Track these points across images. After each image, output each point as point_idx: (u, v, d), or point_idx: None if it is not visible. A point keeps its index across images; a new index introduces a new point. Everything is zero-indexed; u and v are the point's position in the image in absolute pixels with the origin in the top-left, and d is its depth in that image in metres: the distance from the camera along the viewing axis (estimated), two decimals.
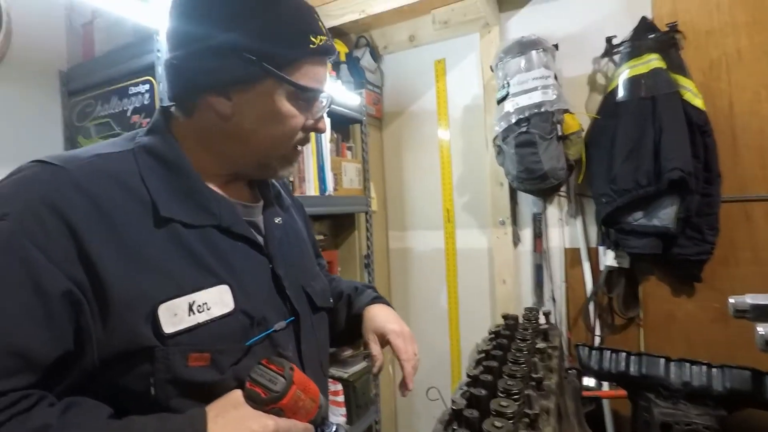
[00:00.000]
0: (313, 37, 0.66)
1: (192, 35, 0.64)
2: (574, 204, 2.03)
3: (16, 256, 0.50)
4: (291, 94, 0.67)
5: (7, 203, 0.52)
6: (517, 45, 1.85)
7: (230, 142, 0.69)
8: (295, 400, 0.61)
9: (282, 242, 0.77)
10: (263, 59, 0.63)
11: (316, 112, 0.72)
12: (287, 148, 0.71)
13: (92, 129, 1.36)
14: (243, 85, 0.64)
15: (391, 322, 0.90)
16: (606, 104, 1.83)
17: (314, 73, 0.68)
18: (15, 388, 0.49)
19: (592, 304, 1.96)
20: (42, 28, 1.43)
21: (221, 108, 0.65)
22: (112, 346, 0.54)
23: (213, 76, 0.64)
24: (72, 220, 0.53)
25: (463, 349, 2.35)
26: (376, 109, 2.49)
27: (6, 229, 0.50)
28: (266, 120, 0.67)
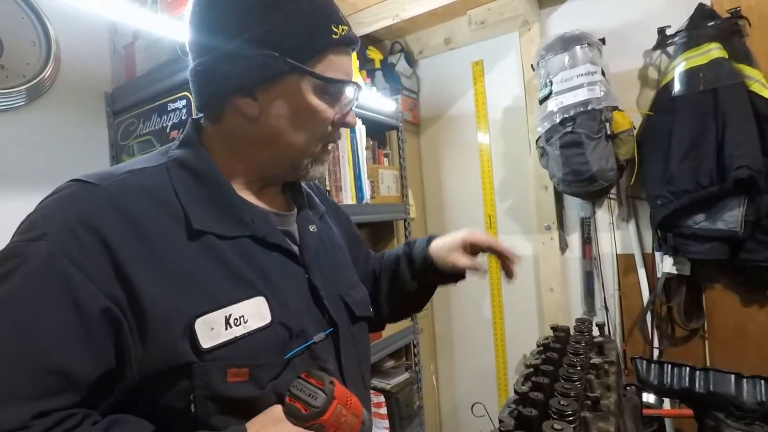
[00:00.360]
0: (334, 27, 0.64)
1: (212, 40, 0.63)
2: (626, 207, 1.90)
3: (55, 276, 0.50)
4: (317, 88, 0.65)
5: (46, 223, 0.53)
6: (559, 41, 1.77)
7: (260, 145, 0.67)
8: (336, 415, 0.58)
9: (318, 251, 0.75)
10: (285, 54, 0.61)
11: (344, 106, 0.69)
12: (317, 145, 0.69)
13: (135, 147, 1.40)
14: (267, 84, 0.63)
15: (456, 233, 0.89)
16: (660, 99, 1.71)
17: (339, 64, 0.66)
18: (59, 408, 0.49)
19: (650, 314, 1.83)
20: (88, 53, 1.48)
21: (248, 110, 0.64)
22: (152, 363, 0.54)
23: (237, 78, 0.62)
24: (107, 237, 0.53)
25: (509, 361, 2.25)
26: (412, 114, 2.46)
27: (44, 249, 0.50)
28: (294, 116, 0.65)
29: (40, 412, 0.47)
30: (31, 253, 0.50)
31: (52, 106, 1.38)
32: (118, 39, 1.52)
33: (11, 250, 0.52)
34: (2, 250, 0.53)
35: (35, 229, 0.52)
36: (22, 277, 0.49)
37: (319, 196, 0.91)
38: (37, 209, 0.56)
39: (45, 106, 1.37)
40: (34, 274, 0.50)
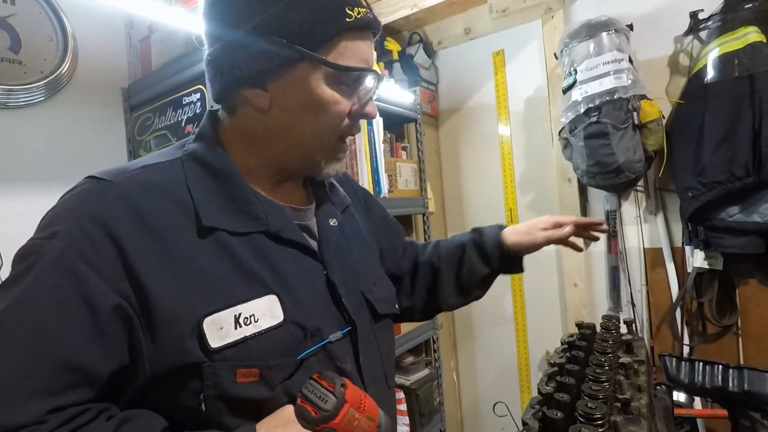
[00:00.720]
0: (349, 9, 0.59)
1: (221, 29, 0.61)
2: (654, 200, 1.83)
3: (67, 273, 0.50)
4: (330, 77, 0.60)
5: (58, 221, 0.53)
6: (584, 28, 1.71)
7: (272, 138, 0.65)
8: (348, 419, 0.56)
9: (339, 246, 0.72)
10: (293, 40, 0.57)
11: (363, 96, 0.65)
12: (332, 139, 0.65)
13: (152, 142, 1.41)
14: (277, 72, 0.60)
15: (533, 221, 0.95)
16: (691, 87, 1.63)
17: (355, 50, 0.61)
18: (74, 403, 0.49)
19: (679, 309, 1.76)
20: (104, 48, 1.49)
21: (258, 101, 0.62)
22: (162, 362, 0.54)
23: (245, 67, 0.60)
24: (117, 234, 0.53)
25: (531, 358, 2.20)
26: (431, 106, 2.41)
27: (57, 247, 0.51)
28: (306, 108, 0.61)
29: (55, 407, 0.47)
30: (45, 251, 0.51)
31: (70, 101, 1.40)
32: (133, 33, 1.53)
33: (30, 247, 0.53)
34: (22, 247, 0.54)
35: (50, 226, 0.53)
36: (38, 275, 0.50)
37: (346, 184, 0.88)
38: (54, 206, 0.57)
39: (63, 102, 1.38)
40: (47, 271, 0.50)
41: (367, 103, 0.66)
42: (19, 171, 1.28)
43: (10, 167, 1.26)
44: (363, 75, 0.63)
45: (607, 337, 1.02)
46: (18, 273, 0.51)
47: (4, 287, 0.52)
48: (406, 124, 2.12)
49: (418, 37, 2.41)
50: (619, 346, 1.01)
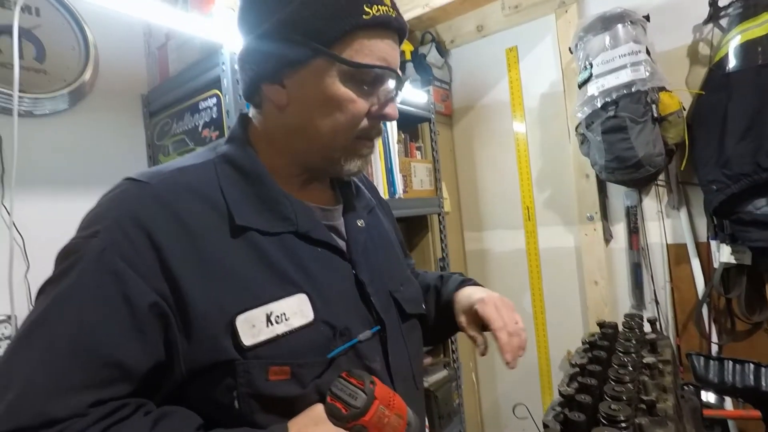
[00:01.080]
0: (367, 7, 0.58)
1: (246, 28, 0.63)
2: (676, 194, 1.78)
3: (107, 272, 0.52)
4: (345, 75, 0.60)
5: (99, 221, 0.55)
6: (599, 21, 1.67)
7: (292, 135, 0.65)
8: (378, 416, 0.57)
9: (366, 246, 0.73)
10: (308, 36, 0.58)
11: (382, 96, 0.63)
12: (349, 138, 0.64)
13: (170, 146, 1.43)
14: (293, 69, 0.61)
15: (477, 293, 0.80)
16: (712, 77, 1.59)
17: (372, 48, 0.60)
18: (114, 397, 0.51)
19: (706, 306, 1.71)
20: (124, 55, 1.53)
21: (277, 97, 0.63)
22: (197, 358, 0.55)
23: (263, 63, 0.62)
24: (154, 233, 0.54)
25: (552, 358, 2.17)
26: (445, 105, 2.40)
27: (97, 246, 0.52)
28: (321, 105, 0.61)
29: (96, 400, 0.49)
30: (87, 250, 0.52)
31: (92, 108, 1.43)
32: (152, 41, 1.56)
33: (72, 245, 0.55)
34: (65, 246, 0.55)
35: (91, 226, 0.55)
36: (79, 273, 0.52)
37: (370, 189, 0.88)
38: (95, 207, 0.58)
39: (86, 110, 1.42)
40: (89, 270, 0.52)
41: (387, 104, 0.64)
42: (45, 176, 1.31)
43: (37, 173, 1.29)
44: (381, 74, 0.62)
45: (630, 337, 1.00)
46: (60, 271, 0.53)
47: (49, 284, 0.53)
48: (420, 123, 2.11)
49: (431, 37, 2.40)
50: (642, 346, 0.99)
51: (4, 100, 1.22)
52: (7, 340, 1.20)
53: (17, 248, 1.23)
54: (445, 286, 0.88)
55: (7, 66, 1.25)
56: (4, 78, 1.23)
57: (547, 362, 2.18)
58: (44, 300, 0.52)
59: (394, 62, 0.62)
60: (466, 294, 0.82)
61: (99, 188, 0.61)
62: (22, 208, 1.23)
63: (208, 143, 1.28)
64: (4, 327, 1.21)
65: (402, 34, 0.65)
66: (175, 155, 1.41)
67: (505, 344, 0.72)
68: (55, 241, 0.56)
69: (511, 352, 0.72)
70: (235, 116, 1.17)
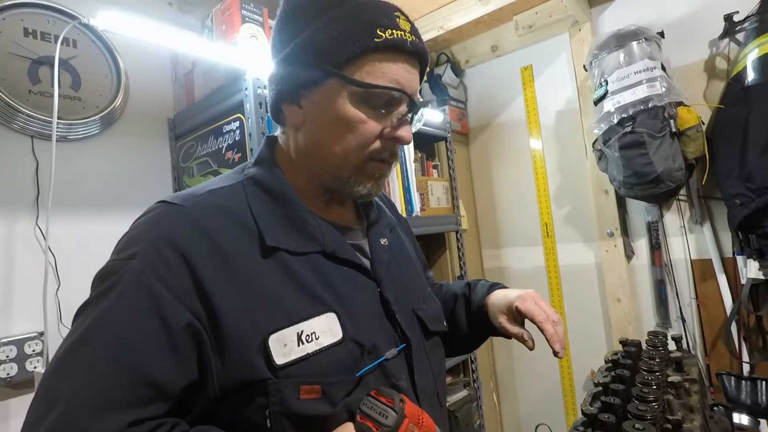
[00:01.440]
0: (380, 31, 0.59)
1: (275, 52, 0.67)
2: (699, 208, 1.75)
3: (144, 292, 0.53)
4: (357, 96, 0.61)
5: (136, 243, 0.56)
6: (613, 38, 1.69)
7: (307, 154, 0.67)
8: None
9: (390, 264, 0.73)
10: (321, 58, 0.60)
11: (395, 118, 0.64)
12: (359, 158, 0.64)
13: (194, 168, 1.48)
14: (307, 90, 0.63)
15: (512, 293, 0.80)
16: (731, 91, 1.58)
17: (384, 70, 0.60)
18: (152, 417, 0.51)
19: (735, 324, 1.66)
20: (153, 82, 1.61)
21: (294, 117, 0.66)
22: (230, 377, 0.55)
23: (283, 83, 0.65)
24: (189, 255, 0.55)
25: (575, 378, 2.12)
26: (461, 124, 2.42)
27: (136, 268, 0.54)
28: (332, 125, 0.63)
29: (135, 420, 0.50)
30: (125, 271, 0.54)
31: (122, 132, 1.50)
32: (179, 68, 1.63)
33: (111, 267, 0.56)
34: (103, 267, 0.57)
35: (128, 248, 0.56)
36: (119, 294, 0.53)
37: (390, 208, 0.90)
38: (130, 229, 0.60)
39: (116, 133, 1.49)
40: (127, 291, 0.53)
41: (400, 127, 0.64)
42: (76, 198, 1.37)
43: (68, 195, 1.35)
44: (395, 97, 0.62)
45: (654, 355, 0.98)
46: (100, 292, 0.54)
47: (88, 306, 0.55)
48: (437, 142, 2.14)
49: (446, 57, 2.45)
50: (667, 364, 0.97)
51: (41, 126, 1.29)
52: (38, 356, 1.24)
53: (50, 267, 1.28)
54: (475, 293, 0.87)
55: (45, 94, 1.33)
56: (42, 105, 1.31)
57: (570, 381, 2.13)
58: (84, 320, 0.53)
59: (408, 85, 0.63)
60: (500, 295, 0.82)
61: (126, 209, 0.63)
62: (55, 228, 1.28)
63: (231, 164, 1.32)
64: (35, 344, 1.24)
65: (422, 59, 0.65)
66: (198, 177, 1.45)
67: (552, 335, 0.72)
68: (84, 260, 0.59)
69: (560, 342, 0.72)
70: (257, 139, 1.21)
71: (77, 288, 1.31)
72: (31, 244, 1.27)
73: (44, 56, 1.33)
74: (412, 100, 0.64)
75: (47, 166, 1.26)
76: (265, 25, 1.39)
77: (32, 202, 1.29)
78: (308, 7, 0.63)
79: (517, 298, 0.76)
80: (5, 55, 1.27)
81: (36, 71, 1.32)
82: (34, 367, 1.23)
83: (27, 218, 1.28)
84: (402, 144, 0.67)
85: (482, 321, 0.83)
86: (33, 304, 1.24)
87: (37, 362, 1.24)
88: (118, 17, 1.10)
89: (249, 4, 1.36)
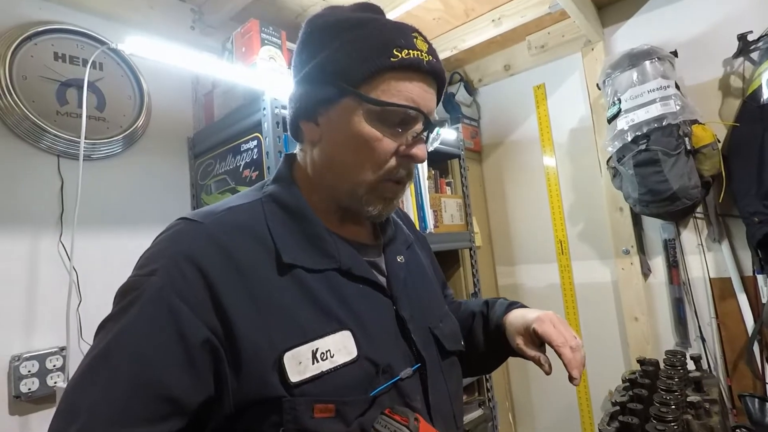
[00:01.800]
0: (396, 51, 0.61)
1: (295, 71, 0.69)
2: (717, 226, 1.73)
3: (164, 308, 0.53)
4: (372, 114, 0.62)
5: (157, 259, 0.57)
6: (626, 58, 1.70)
7: (322, 171, 0.68)
8: None
9: (406, 282, 0.73)
10: (338, 77, 0.62)
11: (410, 137, 0.64)
12: (375, 176, 0.65)
13: (212, 185, 1.52)
14: (324, 107, 0.64)
15: (530, 313, 0.77)
16: (747, 109, 1.58)
17: (399, 89, 0.61)
18: None
19: (757, 344, 1.62)
20: (174, 103, 1.66)
21: (311, 134, 0.67)
22: (245, 394, 0.55)
23: (301, 101, 0.66)
24: (208, 271, 0.56)
25: (593, 397, 2.08)
26: (474, 142, 2.44)
27: (156, 284, 0.55)
28: (348, 142, 0.64)
29: None
30: (146, 287, 0.55)
31: (143, 151, 1.55)
32: (199, 88, 1.68)
33: (132, 283, 0.57)
34: (124, 283, 0.58)
35: (149, 264, 0.57)
36: (140, 310, 0.54)
37: (407, 224, 0.90)
38: (151, 245, 0.61)
39: (137, 152, 1.53)
40: (148, 307, 0.54)
41: (415, 145, 0.65)
42: (97, 215, 1.40)
43: (90, 212, 1.38)
44: (410, 115, 0.63)
45: (673, 374, 0.97)
46: (121, 308, 0.55)
47: (110, 321, 0.55)
48: (450, 160, 2.15)
49: (459, 77, 2.48)
50: (686, 384, 0.95)
51: (66, 145, 1.34)
52: (59, 371, 1.26)
53: (72, 283, 1.31)
54: (492, 311, 0.85)
55: (72, 115, 1.38)
56: (68, 126, 1.36)
57: (588, 401, 2.09)
58: (105, 335, 0.54)
59: (424, 104, 0.63)
60: (518, 315, 0.79)
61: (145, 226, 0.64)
62: (77, 244, 1.32)
63: (248, 182, 1.35)
64: (56, 359, 1.26)
65: (439, 79, 0.66)
66: (216, 194, 1.49)
67: (570, 360, 0.69)
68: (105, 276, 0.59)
69: (578, 368, 0.69)
70: (274, 157, 1.23)
71: (99, 303, 1.33)
72: (54, 261, 1.31)
73: (72, 79, 1.38)
74: (428, 118, 0.64)
75: (71, 183, 1.31)
76: (283, 47, 1.43)
77: (57, 219, 1.33)
78: (328, 28, 0.65)
79: (535, 319, 0.74)
80: (36, 78, 1.33)
81: (64, 93, 1.37)
82: (54, 383, 1.25)
83: (51, 235, 1.31)
84: (416, 162, 0.67)
85: (500, 340, 0.81)
86: (55, 319, 1.27)
87: (58, 377, 1.26)
88: (145, 42, 1.15)
89: (268, 28, 1.41)
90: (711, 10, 1.76)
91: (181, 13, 1.67)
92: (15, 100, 1.25)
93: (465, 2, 1.87)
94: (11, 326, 1.22)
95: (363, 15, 0.65)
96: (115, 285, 0.58)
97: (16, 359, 1.20)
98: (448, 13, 1.94)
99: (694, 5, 1.80)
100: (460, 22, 2.01)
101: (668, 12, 1.86)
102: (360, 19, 0.64)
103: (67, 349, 1.27)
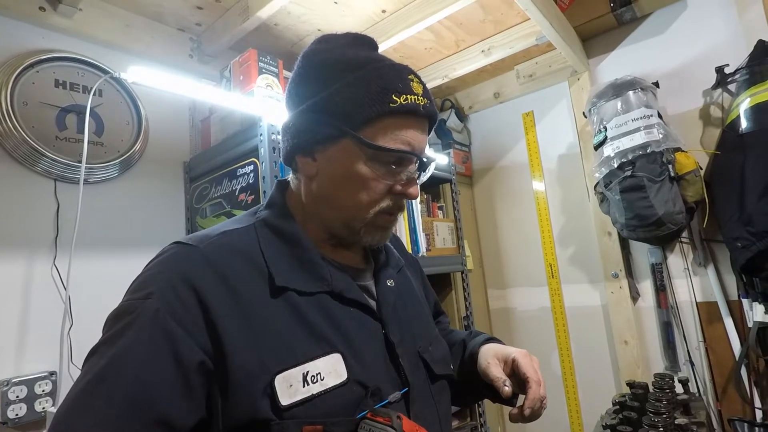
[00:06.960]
0: (395, 96, 0.63)
1: (292, 104, 0.70)
2: (702, 251, 1.78)
3: (160, 331, 0.54)
4: (370, 156, 0.64)
5: (152, 283, 0.58)
6: (610, 88, 1.77)
7: (318, 204, 0.70)
8: None
9: (396, 306, 0.74)
10: (337, 119, 0.64)
11: (405, 176, 0.67)
12: (370, 212, 0.67)
13: (207, 209, 1.53)
14: (323, 146, 0.66)
15: (511, 348, 0.79)
16: (727, 137, 1.64)
17: (396, 132, 0.64)
18: None
19: (745, 368, 1.64)
20: (170, 128, 1.69)
21: (308, 168, 0.69)
22: (234, 416, 0.55)
23: (299, 137, 0.68)
24: (203, 293, 0.57)
25: (585, 422, 2.07)
26: (465, 167, 2.49)
27: (152, 307, 0.55)
28: (345, 181, 0.66)
29: None
30: (141, 311, 0.55)
31: (139, 175, 1.56)
32: (196, 114, 1.71)
33: (126, 307, 0.57)
34: (117, 307, 0.58)
35: (145, 288, 0.57)
36: (135, 333, 0.54)
37: (398, 248, 0.91)
38: (145, 269, 0.61)
39: (134, 176, 1.54)
40: (144, 330, 0.54)
41: (410, 185, 0.68)
42: (91, 238, 1.41)
43: (86, 235, 1.39)
44: (404, 157, 0.66)
45: (661, 397, 0.98)
46: (116, 331, 0.55)
47: (103, 345, 0.55)
48: (442, 184, 2.19)
49: (450, 104, 2.55)
50: (675, 407, 0.97)
51: (63, 169, 1.36)
52: (47, 396, 1.24)
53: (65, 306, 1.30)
54: (472, 341, 0.87)
55: (70, 140, 1.40)
56: (66, 150, 1.38)
57: (580, 425, 2.09)
58: (99, 359, 0.53)
59: (418, 146, 0.66)
60: (497, 346, 0.81)
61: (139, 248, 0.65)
62: (72, 268, 1.31)
63: (244, 206, 1.36)
64: (45, 383, 1.24)
65: (432, 121, 0.69)
66: (211, 217, 1.50)
67: (533, 398, 0.71)
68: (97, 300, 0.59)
69: (532, 408, 0.71)
70: (270, 182, 1.26)
71: (91, 327, 1.32)
72: (47, 284, 1.30)
73: (71, 105, 1.41)
74: (422, 160, 0.68)
75: (67, 207, 1.32)
76: (279, 75, 1.47)
77: (51, 243, 1.33)
78: (328, 67, 0.68)
79: (518, 352, 0.77)
80: (36, 104, 1.35)
81: (63, 119, 1.40)
82: (43, 408, 1.23)
83: (45, 258, 1.31)
84: (410, 199, 0.70)
85: (472, 368, 0.81)
86: (46, 343, 1.26)
87: (47, 402, 1.24)
88: (147, 72, 1.18)
89: (266, 57, 1.45)
90: (690, 44, 1.84)
91: (180, 42, 1.72)
92: (14, 124, 1.27)
93: (456, 33, 1.94)
94: (1, 350, 1.21)
95: (361, 54, 0.68)
96: (107, 308, 0.58)
97: (4, 384, 1.18)
98: (440, 44, 2.01)
99: (674, 39, 1.89)
100: (451, 52, 2.08)
101: (650, 45, 1.95)
102: (358, 60, 0.66)
103: (58, 373, 1.26)
